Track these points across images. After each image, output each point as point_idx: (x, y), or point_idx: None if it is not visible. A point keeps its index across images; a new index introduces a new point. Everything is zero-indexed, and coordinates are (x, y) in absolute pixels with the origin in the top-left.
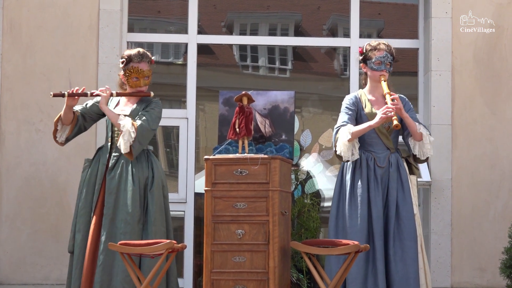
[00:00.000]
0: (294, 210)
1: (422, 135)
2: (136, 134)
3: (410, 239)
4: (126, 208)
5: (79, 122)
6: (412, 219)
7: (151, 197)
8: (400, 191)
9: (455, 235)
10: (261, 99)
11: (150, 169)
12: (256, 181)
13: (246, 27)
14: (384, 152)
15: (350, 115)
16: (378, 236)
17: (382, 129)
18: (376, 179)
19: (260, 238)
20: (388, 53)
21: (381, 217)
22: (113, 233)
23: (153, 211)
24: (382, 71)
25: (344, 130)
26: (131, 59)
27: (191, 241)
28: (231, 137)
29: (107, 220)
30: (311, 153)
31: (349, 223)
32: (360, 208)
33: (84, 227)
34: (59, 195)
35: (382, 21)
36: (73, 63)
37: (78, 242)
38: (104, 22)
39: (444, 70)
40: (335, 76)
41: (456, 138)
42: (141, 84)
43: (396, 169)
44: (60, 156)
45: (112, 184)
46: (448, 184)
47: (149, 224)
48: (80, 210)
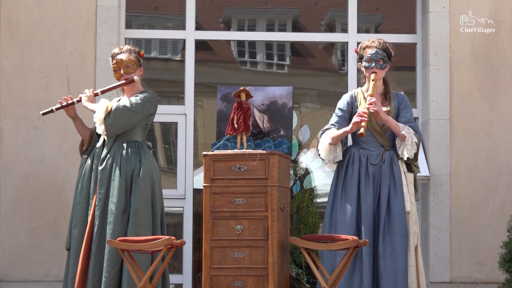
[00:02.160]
0: (293, 205)
1: (404, 137)
2: (110, 110)
3: (400, 235)
4: (112, 199)
5: (94, 138)
6: (403, 215)
7: (135, 188)
8: (392, 187)
9: (454, 230)
10: (259, 95)
11: (138, 161)
12: (254, 177)
13: (244, 23)
14: (377, 150)
15: (340, 117)
16: (367, 232)
17: (376, 127)
18: (367, 176)
19: (259, 234)
20: (379, 49)
21: (370, 213)
22: (103, 223)
23: (135, 202)
24: (373, 68)
25: (326, 134)
26: (113, 55)
27: (190, 237)
28: (229, 133)
29: (98, 211)
30: (310, 149)
31: (339, 219)
32: (350, 204)
33: (81, 222)
34: (58, 192)
35: (380, 16)
36: (71, 60)
37: (75, 237)
38: (101, 18)
39: (442, 65)
40: (333, 71)
41: (454, 132)
42: (123, 73)
43: (389, 166)
44: (58, 153)
45: (103, 175)
46: (446, 179)
47: (131, 215)
48: (75, 205)
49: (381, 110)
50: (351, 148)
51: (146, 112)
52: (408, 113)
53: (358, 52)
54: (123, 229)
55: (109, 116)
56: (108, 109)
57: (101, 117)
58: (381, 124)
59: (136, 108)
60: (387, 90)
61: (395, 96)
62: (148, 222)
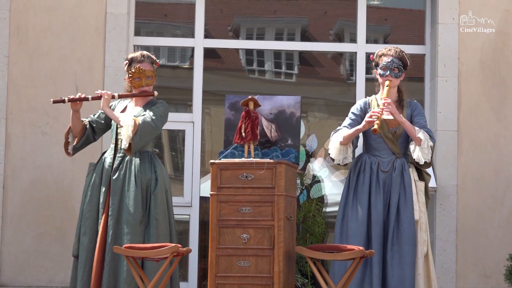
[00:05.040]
0: (299, 215)
1: (420, 140)
2: (138, 128)
3: (409, 243)
4: (128, 209)
5: (86, 132)
6: (412, 224)
7: (154, 199)
8: (402, 195)
9: (460, 241)
10: (267, 104)
11: (153, 171)
12: (261, 186)
13: (252, 32)
14: (389, 157)
15: (353, 120)
16: (377, 240)
17: (388, 134)
18: (378, 183)
19: (265, 243)
20: (395, 58)
21: (380, 221)
22: (118, 234)
23: (155, 213)
24: (387, 76)
25: (338, 134)
26: (133, 60)
27: (196, 245)
28: (237, 141)
29: (112, 221)
30: (317, 158)
31: (350, 227)
32: (361, 212)
33: (91, 229)
34: (64, 198)
35: (389, 26)
36: (79, 67)
37: (84, 245)
38: (110, 25)
39: (451, 76)
40: (341, 81)
41: (461, 144)
42: (143, 84)
43: (400, 174)
44: (65, 159)
45: (116, 185)
46: (453, 190)
47: (151, 226)
48: (85, 213)
49: (396, 111)
50: (362, 155)
51: (163, 127)
52: (422, 119)
53: (374, 60)
54: (140, 240)
55: (136, 135)
56: (136, 127)
57: (129, 136)
58: (393, 131)
59: (157, 125)
60: (401, 98)
61: (408, 104)
62: (167, 232)
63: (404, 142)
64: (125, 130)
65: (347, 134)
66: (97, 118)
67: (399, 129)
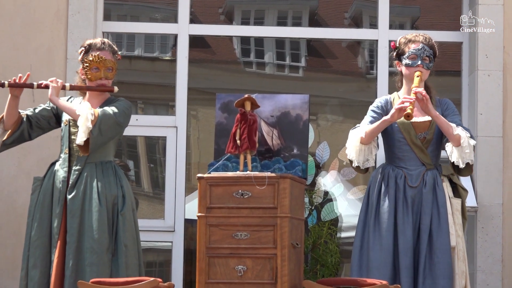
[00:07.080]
0: (308, 241)
1: (459, 137)
2: (98, 120)
3: (444, 277)
4: (91, 234)
5: (22, 126)
6: (447, 252)
7: (122, 221)
8: (435, 217)
9: (507, 274)
10: (267, 104)
11: (119, 187)
12: (261, 206)
13: (249, 15)
14: (418, 169)
15: (374, 118)
16: (406, 272)
17: (416, 140)
18: (406, 202)
19: (265, 276)
20: (426, 45)
21: (410, 249)
22: (80, 265)
23: (124, 238)
24: (418, 66)
25: (357, 130)
26: (91, 47)
27: (180, 279)
28: (230, 151)
29: (71, 249)
30: (329, 171)
31: (372, 256)
32: (385, 238)
33: (42, 261)
34: (17, 222)
35: (417, 8)
36: (35, 58)
37: (35, 280)
38: (74, 8)
39: (494, 70)
40: (358, 76)
41: (508, 154)
42: (102, 76)
43: (432, 190)
44: (18, 174)
45: (74, 205)
46: (498, 211)
47: (120, 254)
48: (34, 241)
49: (430, 104)
50: (385, 167)
51: (126, 126)
52: (456, 118)
53: (397, 47)
54: (107, 272)
55: (96, 127)
56: (96, 117)
57: (89, 127)
58: (422, 137)
59: (119, 120)
60: (430, 96)
61: (438, 103)
62: (136, 261)
63: (436, 151)
64: (83, 121)
65: (369, 129)
66: (38, 114)
67: (429, 134)
